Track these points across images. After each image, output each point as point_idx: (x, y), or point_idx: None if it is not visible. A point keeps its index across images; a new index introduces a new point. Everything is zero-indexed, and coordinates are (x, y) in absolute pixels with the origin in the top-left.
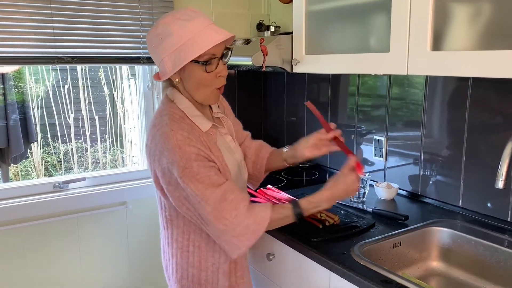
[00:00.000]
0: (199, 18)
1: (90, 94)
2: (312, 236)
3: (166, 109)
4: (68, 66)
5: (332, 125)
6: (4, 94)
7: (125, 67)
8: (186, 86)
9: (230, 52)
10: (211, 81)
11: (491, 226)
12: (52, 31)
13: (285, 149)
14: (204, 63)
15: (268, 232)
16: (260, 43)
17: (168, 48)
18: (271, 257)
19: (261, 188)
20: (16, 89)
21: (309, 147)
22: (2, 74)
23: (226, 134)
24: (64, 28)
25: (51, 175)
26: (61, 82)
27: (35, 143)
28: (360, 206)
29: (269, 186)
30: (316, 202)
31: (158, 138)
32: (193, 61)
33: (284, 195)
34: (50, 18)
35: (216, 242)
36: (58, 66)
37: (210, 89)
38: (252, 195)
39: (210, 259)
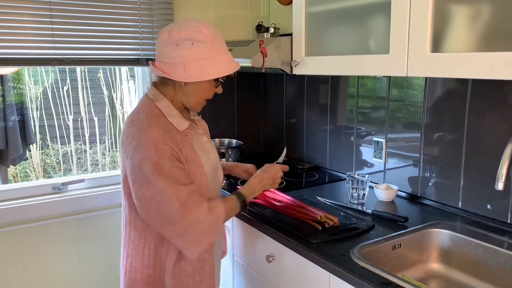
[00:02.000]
0: (223, 40)
1: (89, 95)
2: (312, 238)
3: (144, 106)
4: (67, 68)
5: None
6: (3, 96)
7: (124, 69)
8: (185, 91)
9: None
10: (210, 94)
11: (491, 228)
12: (51, 32)
13: (223, 160)
14: (221, 81)
15: (267, 233)
16: (260, 45)
17: (197, 55)
18: (270, 259)
19: None
20: (15, 91)
21: (246, 174)
22: (1, 76)
23: (202, 135)
24: (64, 29)
25: (50, 177)
26: (60, 84)
27: (34, 144)
28: (359, 207)
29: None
30: (250, 187)
31: (134, 134)
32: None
33: (284, 196)
34: (50, 19)
35: (170, 244)
36: (57, 68)
37: (203, 99)
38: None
39: (163, 260)
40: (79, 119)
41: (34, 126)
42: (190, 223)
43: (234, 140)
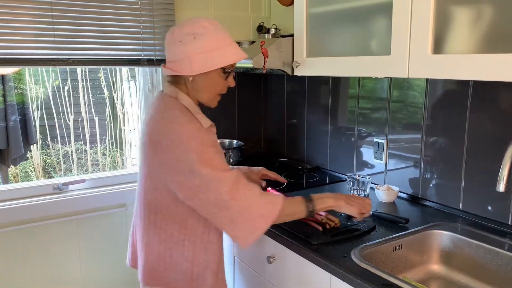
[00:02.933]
0: (227, 32)
1: (90, 95)
2: (313, 239)
3: (173, 104)
4: (68, 68)
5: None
6: (4, 96)
7: (125, 69)
8: (195, 86)
9: (236, 73)
10: (221, 87)
11: (491, 230)
12: (52, 32)
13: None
14: (229, 71)
15: (268, 234)
16: (261, 46)
17: (200, 47)
18: (271, 260)
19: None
20: (16, 91)
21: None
22: (2, 76)
23: (215, 134)
24: (65, 30)
25: (50, 177)
26: (61, 84)
27: (35, 144)
28: None
29: (269, 188)
30: (322, 195)
31: (171, 129)
32: (221, 67)
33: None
34: (51, 20)
35: (208, 240)
36: (58, 68)
37: (216, 94)
38: None
39: (202, 255)
40: (79, 119)
41: (35, 126)
42: (241, 206)
43: (235, 140)
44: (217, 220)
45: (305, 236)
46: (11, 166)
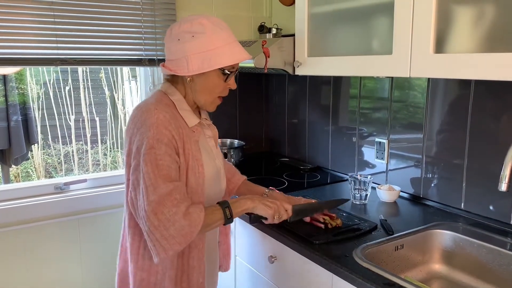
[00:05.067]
0: (229, 31)
1: (91, 95)
2: (314, 239)
3: (155, 96)
4: (69, 68)
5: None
6: (5, 96)
7: (125, 69)
8: (194, 87)
9: (238, 72)
10: (221, 90)
11: (493, 229)
12: (54, 32)
13: (266, 190)
14: (228, 73)
15: (269, 234)
16: (262, 45)
17: (198, 47)
18: (272, 259)
19: None
20: (17, 91)
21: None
22: (4, 76)
23: (210, 138)
24: (66, 29)
25: (51, 177)
26: (62, 84)
27: (36, 144)
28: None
29: (271, 187)
30: (239, 199)
31: (139, 116)
32: (219, 68)
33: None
34: (52, 19)
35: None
36: (59, 68)
37: (215, 96)
38: None
39: (160, 263)
40: (80, 119)
41: (36, 126)
42: (159, 221)
43: (236, 140)
44: (140, 225)
45: (306, 236)
46: (13, 166)
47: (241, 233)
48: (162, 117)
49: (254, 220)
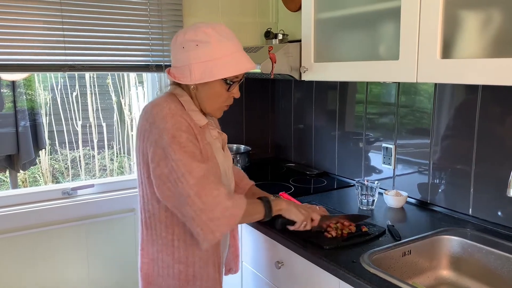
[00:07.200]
0: (234, 40)
1: (98, 101)
2: (322, 244)
3: (165, 96)
4: (76, 74)
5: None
6: (13, 101)
7: (132, 75)
8: (199, 95)
9: (244, 79)
10: (225, 99)
11: (502, 235)
12: (62, 39)
13: (272, 197)
14: (231, 83)
15: (276, 239)
16: (269, 51)
17: (201, 56)
18: (279, 265)
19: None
20: (25, 96)
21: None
22: (12, 82)
23: (217, 139)
24: (75, 36)
25: (58, 182)
26: (69, 89)
27: (43, 149)
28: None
29: (282, 192)
30: (279, 200)
31: (150, 111)
32: (222, 78)
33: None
34: (61, 26)
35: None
36: (67, 74)
37: (220, 105)
38: None
39: (197, 252)
40: (87, 125)
41: (44, 131)
42: (204, 204)
43: (242, 146)
44: (180, 213)
45: (314, 241)
46: (20, 171)
47: (247, 238)
48: (174, 107)
49: (281, 224)
